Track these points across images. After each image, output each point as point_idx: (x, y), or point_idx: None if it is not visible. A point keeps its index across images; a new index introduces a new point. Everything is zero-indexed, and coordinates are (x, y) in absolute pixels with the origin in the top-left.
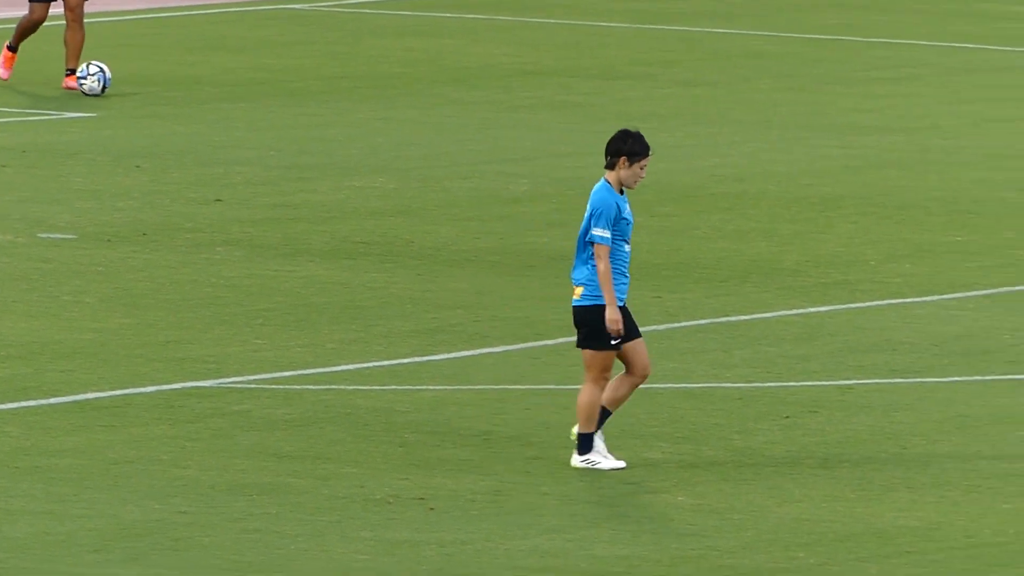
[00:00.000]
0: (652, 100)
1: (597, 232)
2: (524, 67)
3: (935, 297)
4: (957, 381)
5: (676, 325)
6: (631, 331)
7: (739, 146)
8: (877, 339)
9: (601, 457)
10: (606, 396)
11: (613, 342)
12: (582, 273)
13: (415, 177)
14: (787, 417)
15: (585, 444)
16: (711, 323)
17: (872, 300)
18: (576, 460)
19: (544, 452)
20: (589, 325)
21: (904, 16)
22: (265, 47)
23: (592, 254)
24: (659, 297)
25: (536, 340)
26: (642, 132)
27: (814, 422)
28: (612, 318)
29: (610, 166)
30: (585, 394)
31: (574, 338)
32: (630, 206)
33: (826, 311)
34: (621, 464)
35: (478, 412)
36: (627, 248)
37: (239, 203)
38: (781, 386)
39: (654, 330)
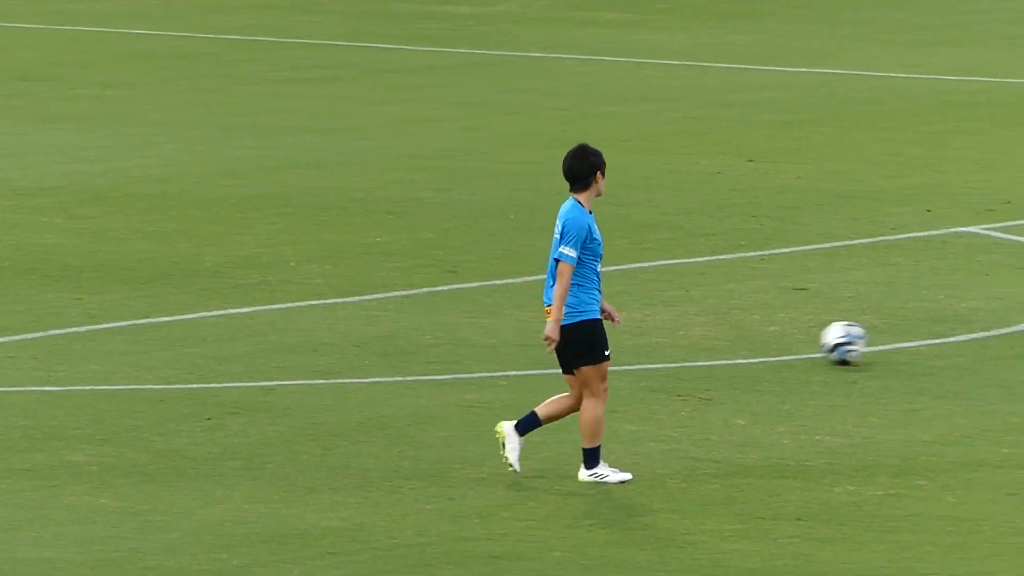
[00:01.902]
0: (68, 101)
1: (566, 251)
2: None
3: (356, 298)
4: (378, 382)
5: (97, 327)
6: (605, 347)
7: (158, 147)
8: (298, 340)
9: (608, 471)
10: (584, 434)
11: (607, 352)
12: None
13: None
14: (209, 419)
15: (592, 458)
16: (132, 324)
17: (293, 301)
18: (584, 475)
19: None
20: (581, 342)
21: (324, 17)
22: None
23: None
24: (80, 299)
25: None
26: (58, 134)
27: (236, 423)
28: (549, 335)
29: (585, 186)
30: (590, 410)
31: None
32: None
33: (247, 312)
34: (627, 476)
35: None
36: (599, 267)
37: None
38: (203, 387)
39: (75, 332)
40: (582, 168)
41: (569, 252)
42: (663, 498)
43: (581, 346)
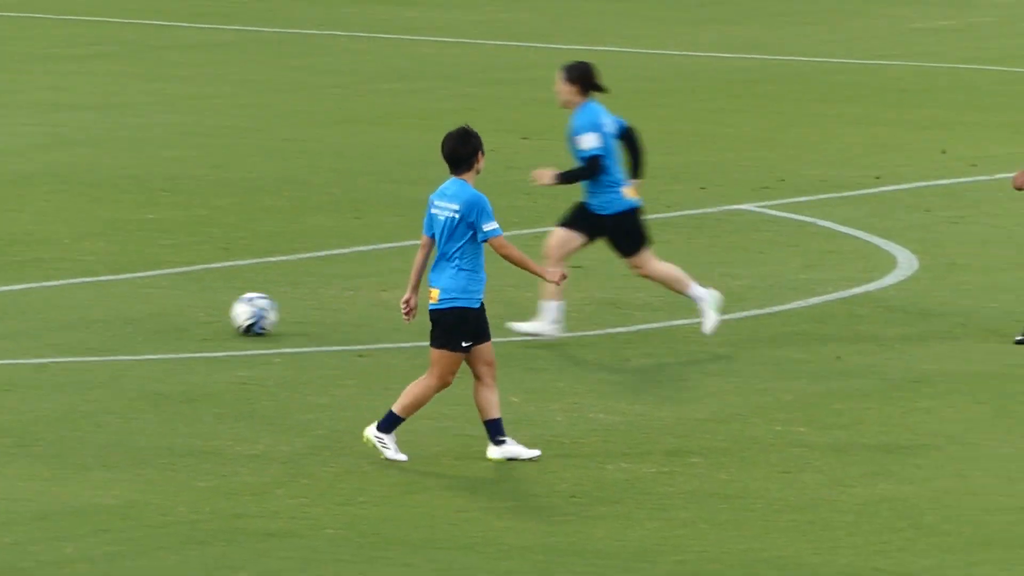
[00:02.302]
0: None
1: (492, 227)
2: None
3: (129, 275)
4: (151, 359)
5: None
6: (485, 332)
7: None
8: (72, 317)
9: (392, 444)
10: (406, 403)
11: (465, 344)
12: (441, 276)
13: None
14: None
15: (389, 424)
16: None
17: (66, 278)
18: (370, 431)
19: None
20: (445, 326)
21: None
22: None
23: (456, 256)
24: None
25: None
26: None
27: (9, 401)
28: (550, 270)
29: (468, 166)
30: (422, 388)
31: None
32: None
33: (20, 289)
34: (403, 457)
35: None
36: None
37: None
38: None
39: None
40: (466, 150)
41: (494, 226)
42: (436, 476)
43: (445, 330)
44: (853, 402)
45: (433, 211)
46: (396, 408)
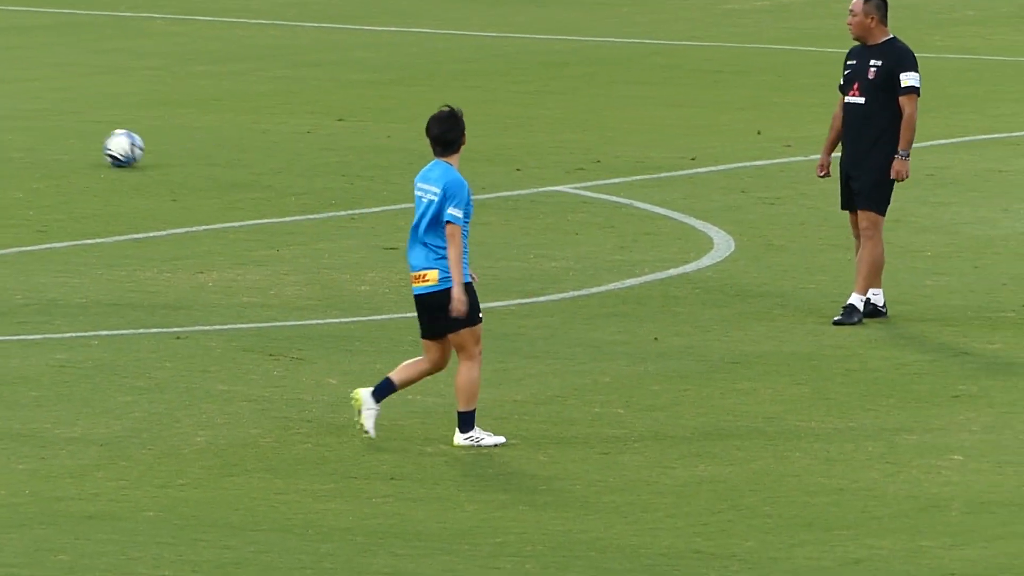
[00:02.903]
0: None
1: (455, 212)
2: None
3: None
4: None
5: None
6: (479, 309)
7: None
8: None
9: (483, 434)
10: (464, 397)
11: (480, 314)
12: (431, 258)
13: None
14: None
15: (468, 422)
16: None
17: None
18: (459, 438)
19: None
20: (473, 296)
21: None
22: None
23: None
24: None
25: None
26: None
27: None
28: (460, 298)
29: (455, 149)
30: (466, 373)
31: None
32: None
33: None
34: (501, 440)
35: None
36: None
37: None
38: None
39: None
40: (454, 133)
41: (457, 213)
42: (256, 458)
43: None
44: (671, 384)
45: (417, 193)
46: (462, 407)
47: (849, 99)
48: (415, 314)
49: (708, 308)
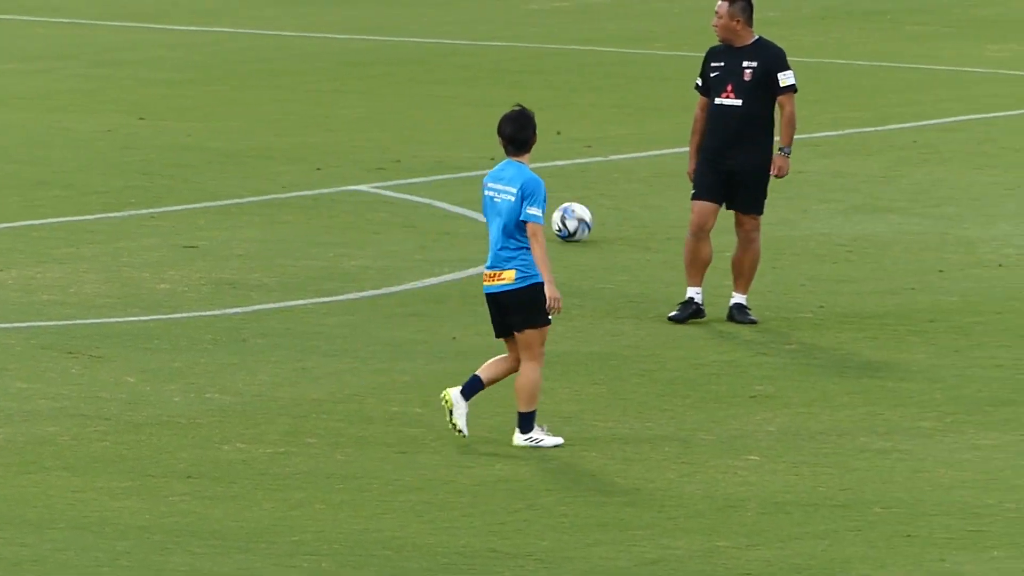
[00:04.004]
0: None
1: (536, 212)
2: None
3: None
4: None
5: None
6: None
7: None
8: None
9: (543, 435)
10: (525, 398)
11: (550, 316)
12: (510, 256)
13: None
14: None
15: (528, 423)
16: None
17: None
18: (519, 439)
19: None
20: (529, 305)
21: None
22: None
23: (524, 239)
24: None
25: None
26: None
27: None
28: (555, 295)
29: (527, 148)
30: (528, 374)
31: None
32: None
33: None
34: (560, 440)
35: None
36: None
37: None
38: None
39: None
40: (525, 133)
41: (538, 212)
42: (53, 455)
43: (528, 309)
44: None
45: (488, 193)
46: (522, 408)
47: (722, 101)
48: (212, 313)
49: None
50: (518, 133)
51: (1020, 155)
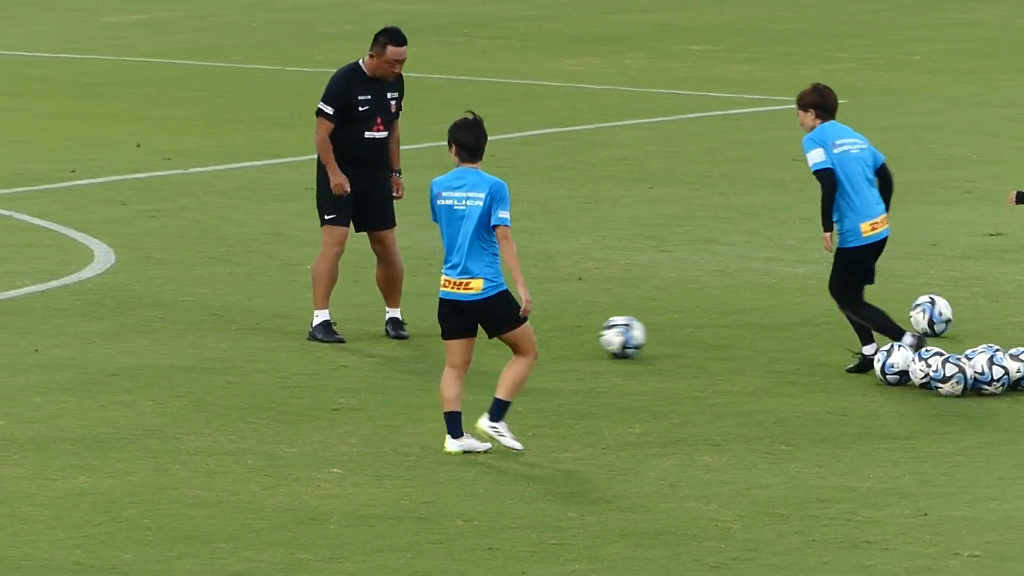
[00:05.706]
0: None
1: (506, 215)
2: None
3: None
4: None
5: None
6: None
7: None
8: None
9: (507, 433)
10: (507, 387)
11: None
12: (478, 264)
13: None
14: None
15: (501, 411)
16: None
17: None
18: (485, 423)
19: None
20: (500, 312)
21: None
22: None
23: (491, 243)
24: None
25: None
26: None
27: None
28: (528, 299)
29: (482, 155)
30: (522, 367)
31: None
32: None
33: None
34: (520, 447)
35: None
36: None
37: None
38: None
39: None
40: (483, 139)
41: (508, 215)
42: None
43: (502, 315)
44: (52, 395)
45: (445, 202)
46: (501, 395)
47: (372, 134)
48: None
49: (89, 320)
50: (479, 141)
51: (596, 169)
